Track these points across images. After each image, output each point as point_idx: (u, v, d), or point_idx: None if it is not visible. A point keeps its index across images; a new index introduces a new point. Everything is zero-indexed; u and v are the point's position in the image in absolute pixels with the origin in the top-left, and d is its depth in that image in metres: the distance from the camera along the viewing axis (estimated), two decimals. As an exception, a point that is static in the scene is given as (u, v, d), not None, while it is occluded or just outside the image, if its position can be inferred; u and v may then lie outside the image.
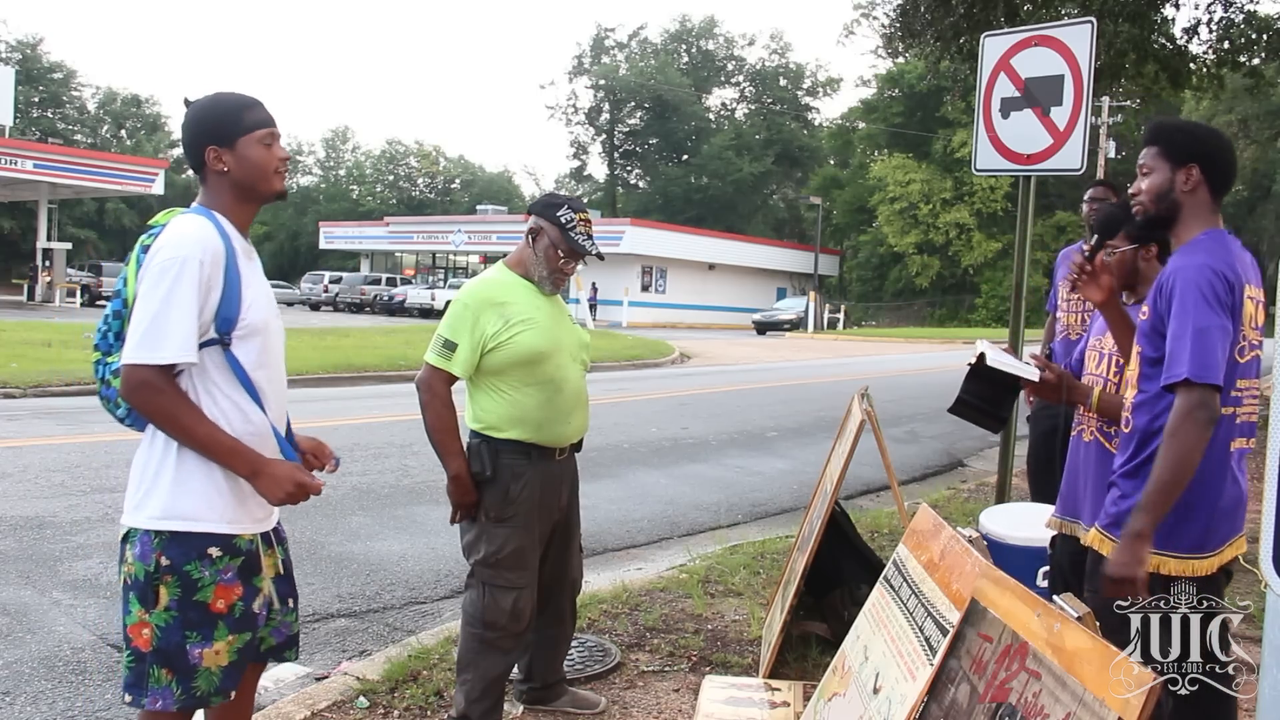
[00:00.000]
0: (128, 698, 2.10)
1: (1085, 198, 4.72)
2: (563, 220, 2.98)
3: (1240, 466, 2.37)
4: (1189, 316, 2.19)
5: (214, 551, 2.08)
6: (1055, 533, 2.92)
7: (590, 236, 3.02)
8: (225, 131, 2.13)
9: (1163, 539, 2.27)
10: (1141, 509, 2.19)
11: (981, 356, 2.77)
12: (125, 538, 2.10)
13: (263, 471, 2.09)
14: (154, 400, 2.00)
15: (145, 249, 2.12)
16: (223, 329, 2.08)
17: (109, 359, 2.19)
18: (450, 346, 2.92)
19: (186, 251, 2.02)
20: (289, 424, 2.31)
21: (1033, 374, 2.78)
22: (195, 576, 2.06)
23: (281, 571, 2.28)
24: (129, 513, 2.11)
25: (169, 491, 2.06)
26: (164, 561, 2.05)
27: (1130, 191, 2.50)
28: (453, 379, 2.95)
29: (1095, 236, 2.65)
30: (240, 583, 2.12)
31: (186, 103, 2.20)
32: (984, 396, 2.84)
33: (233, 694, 2.15)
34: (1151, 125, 2.50)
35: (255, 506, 2.16)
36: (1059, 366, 2.89)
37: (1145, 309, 2.38)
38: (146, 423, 2.11)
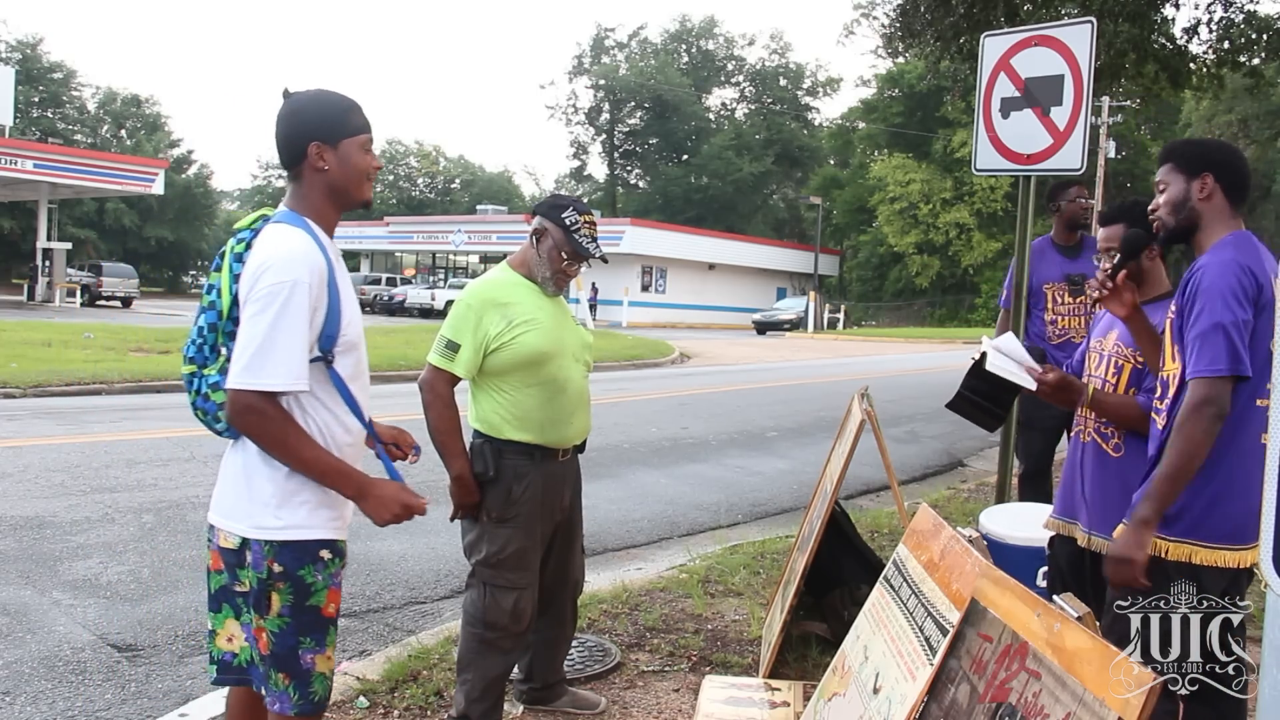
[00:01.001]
0: (261, 691, 2.14)
1: (1069, 199, 4.82)
2: (567, 222, 2.98)
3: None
4: (1212, 311, 2.24)
5: (325, 554, 2.09)
6: (1053, 533, 2.92)
7: (594, 239, 3.02)
8: (332, 130, 2.09)
9: (1193, 529, 2.29)
10: (1149, 497, 2.26)
11: (983, 357, 2.77)
12: (241, 546, 2.07)
13: (369, 493, 2.09)
14: (261, 425, 1.98)
15: (238, 257, 2.08)
16: (325, 346, 2.07)
17: (205, 371, 2.11)
18: (453, 347, 2.92)
19: (296, 274, 1.97)
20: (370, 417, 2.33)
21: (1029, 385, 2.79)
22: (309, 581, 2.07)
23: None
24: (233, 520, 2.08)
25: (280, 501, 2.05)
26: (276, 568, 2.05)
27: (1150, 208, 2.54)
28: (455, 380, 2.95)
29: (1119, 256, 2.69)
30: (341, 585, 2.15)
31: (286, 93, 2.14)
32: (984, 394, 2.85)
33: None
34: (1164, 147, 2.57)
35: (348, 512, 2.17)
36: (1058, 369, 2.88)
37: (1173, 309, 2.41)
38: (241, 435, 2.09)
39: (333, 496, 2.10)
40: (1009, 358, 2.80)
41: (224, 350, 2.08)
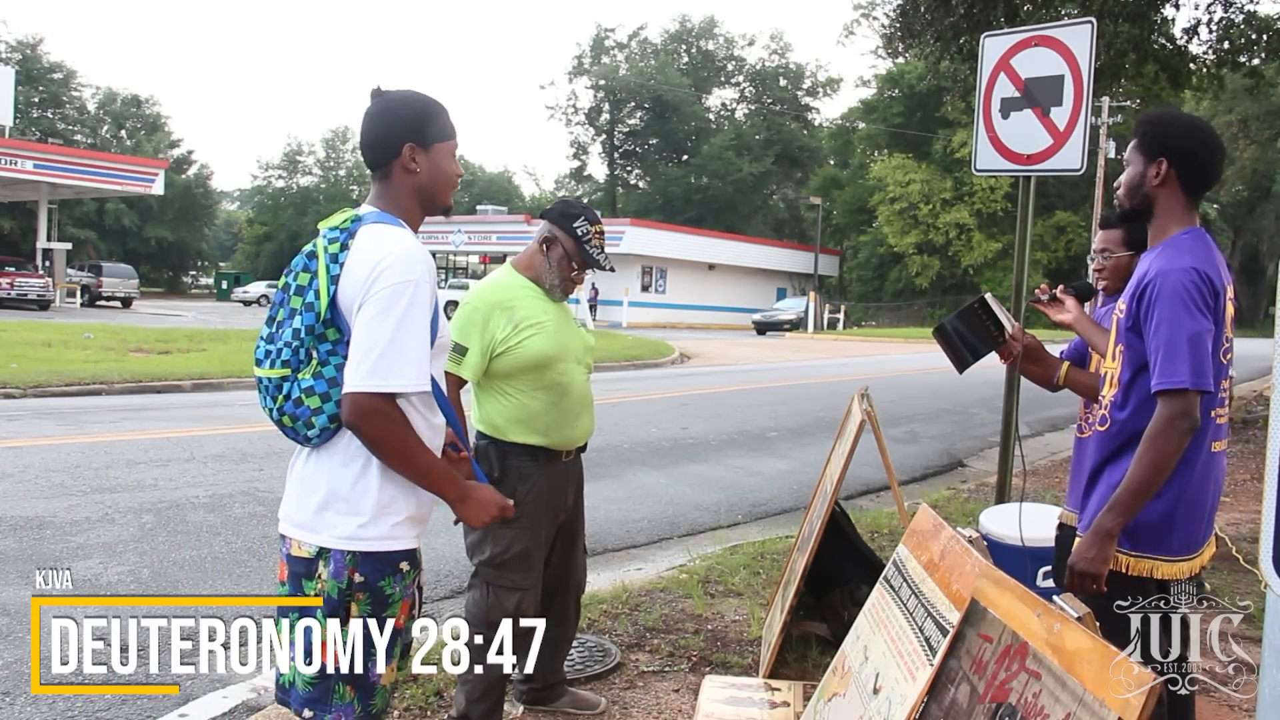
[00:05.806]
0: (307, 713, 2.05)
1: None
2: (579, 233, 3.01)
3: (1221, 468, 2.37)
4: (1181, 323, 2.17)
5: (404, 566, 2.06)
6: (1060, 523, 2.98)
7: (603, 249, 3.07)
8: (428, 132, 2.07)
9: (1153, 543, 2.27)
10: (1113, 509, 2.21)
11: (984, 299, 2.91)
12: (317, 556, 2.02)
13: (470, 496, 2.10)
14: (386, 430, 1.93)
15: (333, 258, 1.99)
16: None
17: (300, 375, 2.00)
18: (460, 350, 2.92)
19: (418, 274, 1.94)
20: None
21: (1010, 329, 2.89)
22: (388, 593, 2.03)
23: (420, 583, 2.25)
24: (316, 531, 2.03)
25: (372, 512, 2.01)
26: (357, 579, 2.01)
27: (1115, 185, 2.51)
28: (462, 382, 2.96)
29: (1073, 289, 2.95)
30: (413, 596, 2.12)
31: (377, 91, 2.10)
32: (965, 336, 2.96)
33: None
34: (1138, 118, 2.50)
35: (425, 520, 2.15)
36: (1035, 339, 2.97)
37: (1121, 306, 2.36)
38: (328, 441, 2.02)
39: (417, 510, 2.08)
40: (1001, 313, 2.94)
41: (315, 354, 2.00)
